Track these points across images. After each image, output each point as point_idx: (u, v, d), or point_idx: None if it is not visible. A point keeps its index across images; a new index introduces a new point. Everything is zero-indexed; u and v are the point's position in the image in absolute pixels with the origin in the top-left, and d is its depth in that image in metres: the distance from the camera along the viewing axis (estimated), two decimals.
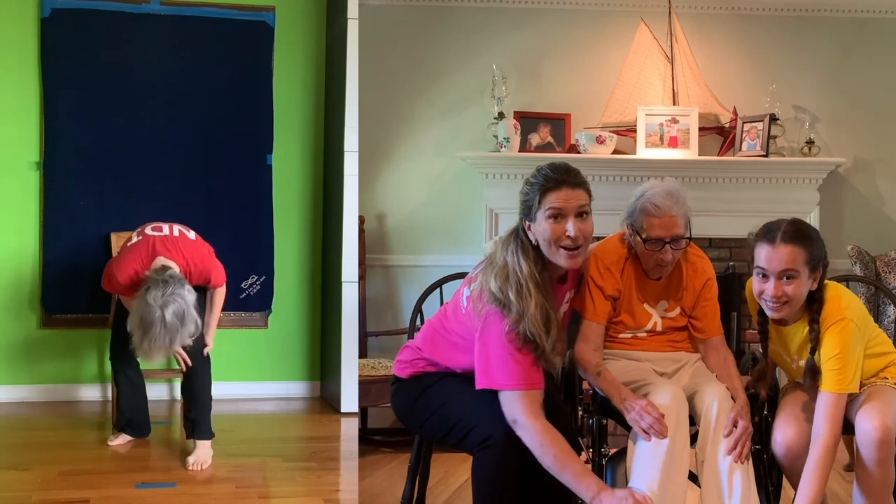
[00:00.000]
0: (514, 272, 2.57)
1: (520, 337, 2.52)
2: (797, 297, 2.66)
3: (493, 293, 2.56)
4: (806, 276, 2.66)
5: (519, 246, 2.62)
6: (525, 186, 2.65)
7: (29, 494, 3.49)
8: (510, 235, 2.67)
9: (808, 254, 2.64)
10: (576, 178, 2.61)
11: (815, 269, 2.68)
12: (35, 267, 5.15)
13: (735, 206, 5.15)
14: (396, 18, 5.35)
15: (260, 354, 5.41)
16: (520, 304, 2.53)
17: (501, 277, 2.57)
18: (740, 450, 2.70)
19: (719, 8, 5.47)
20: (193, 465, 3.84)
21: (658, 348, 2.99)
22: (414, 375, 2.82)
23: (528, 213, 2.63)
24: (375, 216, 5.30)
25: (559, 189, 2.59)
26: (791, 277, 2.64)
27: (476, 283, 2.64)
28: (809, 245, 2.66)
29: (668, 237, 2.83)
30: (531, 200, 2.61)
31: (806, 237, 2.67)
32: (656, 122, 5.21)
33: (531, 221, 2.62)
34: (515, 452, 2.53)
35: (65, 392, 5.17)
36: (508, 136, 5.11)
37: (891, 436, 2.59)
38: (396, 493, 3.37)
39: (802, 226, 2.71)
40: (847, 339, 2.66)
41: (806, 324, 2.73)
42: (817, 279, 2.69)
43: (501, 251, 2.63)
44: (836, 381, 2.64)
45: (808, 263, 2.65)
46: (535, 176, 2.64)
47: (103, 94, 5.15)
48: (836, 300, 2.72)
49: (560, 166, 2.64)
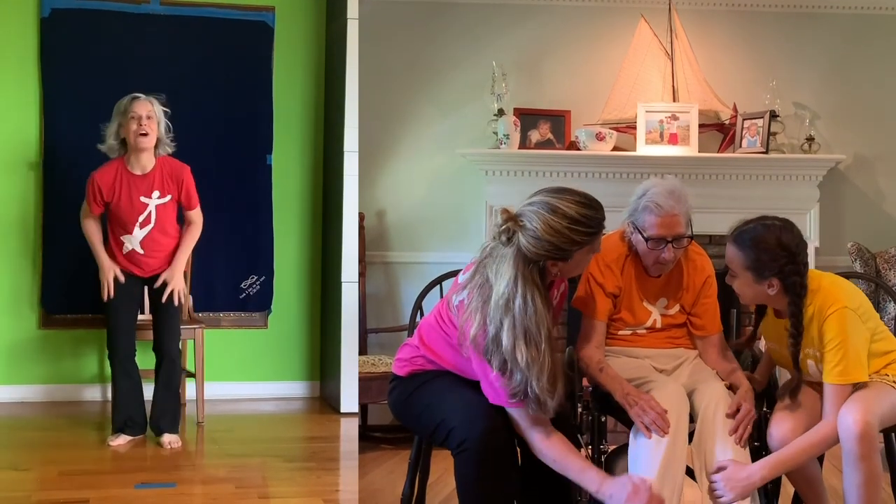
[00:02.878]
0: (522, 322, 2.41)
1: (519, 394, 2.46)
2: (742, 294, 2.76)
3: (493, 350, 2.45)
4: (750, 279, 2.70)
5: (530, 282, 2.44)
6: (573, 235, 2.42)
7: (29, 495, 3.49)
8: (517, 281, 2.44)
9: (746, 260, 2.69)
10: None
11: (761, 276, 2.68)
12: (35, 267, 5.14)
13: (735, 203, 5.14)
14: (396, 15, 5.34)
15: (260, 355, 5.41)
16: (528, 372, 2.42)
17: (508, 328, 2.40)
18: (741, 432, 2.71)
19: (719, 4, 5.46)
20: (169, 443, 4.14)
21: (657, 345, 2.99)
22: (411, 374, 2.81)
23: (566, 257, 2.47)
24: (375, 213, 5.30)
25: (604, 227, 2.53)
26: (733, 275, 2.75)
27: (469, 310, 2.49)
28: (749, 253, 2.69)
29: (670, 236, 2.84)
30: (587, 243, 2.47)
31: (750, 245, 2.68)
32: (656, 118, 5.20)
33: (565, 262, 2.49)
34: (492, 455, 2.52)
35: (64, 392, 5.16)
36: (508, 133, 5.11)
37: (871, 431, 2.57)
38: (396, 490, 3.37)
39: (758, 232, 2.70)
40: (845, 327, 2.66)
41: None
42: (774, 286, 2.69)
43: (508, 287, 2.42)
44: (838, 372, 2.65)
45: (749, 269, 2.70)
46: (584, 224, 2.44)
47: (103, 94, 5.12)
48: (835, 288, 2.72)
49: (596, 203, 2.49)
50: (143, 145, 4.12)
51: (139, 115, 4.10)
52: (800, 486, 2.88)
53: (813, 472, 2.85)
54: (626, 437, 2.80)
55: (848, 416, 2.59)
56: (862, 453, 2.57)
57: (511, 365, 2.43)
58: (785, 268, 2.67)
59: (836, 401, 2.64)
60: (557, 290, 2.78)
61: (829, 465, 3.19)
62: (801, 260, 2.69)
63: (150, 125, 4.11)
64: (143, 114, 4.10)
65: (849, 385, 2.66)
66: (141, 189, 4.17)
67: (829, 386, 2.67)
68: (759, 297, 2.76)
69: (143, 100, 4.15)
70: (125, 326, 4.26)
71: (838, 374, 2.65)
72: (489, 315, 2.44)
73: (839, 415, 2.62)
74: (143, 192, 4.17)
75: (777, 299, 2.74)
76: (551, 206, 2.43)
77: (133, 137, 4.10)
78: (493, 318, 2.43)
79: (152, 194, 4.18)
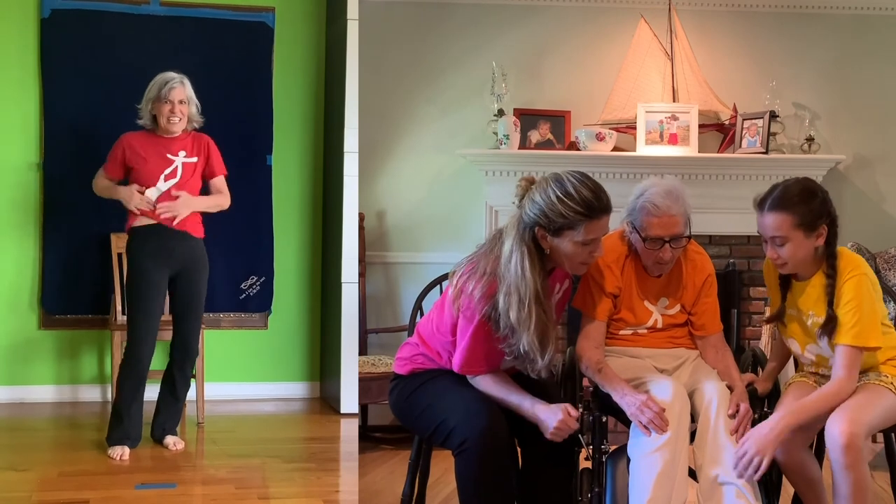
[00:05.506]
0: (516, 288, 2.55)
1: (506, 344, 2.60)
2: (792, 257, 2.74)
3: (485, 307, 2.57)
4: (801, 237, 2.71)
5: (525, 255, 2.57)
6: (559, 205, 2.55)
7: (29, 495, 3.49)
8: (514, 242, 2.60)
9: (797, 218, 2.69)
10: (609, 201, 2.61)
11: (812, 228, 2.71)
12: (35, 267, 5.14)
13: (735, 203, 5.14)
14: (396, 15, 5.34)
15: (260, 355, 5.41)
16: (518, 327, 2.55)
17: (504, 293, 2.56)
18: (742, 431, 2.71)
19: (719, 5, 5.46)
20: (174, 444, 4.16)
21: (658, 345, 2.99)
22: (412, 372, 2.82)
23: (554, 230, 2.58)
24: (375, 213, 5.30)
25: (600, 219, 2.58)
26: (782, 243, 2.72)
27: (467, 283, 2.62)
28: (798, 209, 2.70)
29: (668, 236, 2.84)
30: (569, 224, 2.55)
31: (796, 202, 2.70)
32: (656, 118, 5.20)
33: (554, 237, 2.58)
34: (492, 455, 2.54)
35: (64, 393, 5.17)
36: (508, 134, 5.11)
37: (857, 441, 2.58)
38: (396, 490, 3.37)
39: (795, 189, 2.74)
40: (862, 291, 2.69)
41: (821, 278, 2.76)
42: (822, 235, 2.73)
43: (505, 261, 2.58)
44: (854, 333, 2.66)
45: (799, 227, 2.70)
46: (574, 200, 2.55)
47: (103, 95, 5.15)
48: (855, 256, 2.77)
49: (599, 190, 2.59)
50: (174, 129, 4.18)
51: (173, 101, 4.14)
52: (799, 486, 2.89)
53: (813, 473, 2.85)
54: (627, 437, 2.80)
55: (835, 426, 2.60)
56: (847, 462, 2.58)
57: (503, 320, 2.55)
58: (830, 209, 2.74)
59: (848, 362, 2.67)
60: (561, 284, 2.79)
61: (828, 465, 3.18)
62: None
63: (182, 109, 4.17)
64: (176, 100, 4.15)
65: (861, 350, 2.68)
66: (169, 148, 4.19)
67: (842, 347, 2.68)
68: (807, 255, 2.74)
69: (178, 86, 4.17)
70: (152, 323, 4.08)
71: (854, 336, 2.67)
72: (498, 272, 2.58)
73: (826, 424, 2.63)
74: (170, 151, 4.19)
75: (816, 254, 2.75)
76: (558, 177, 2.61)
77: (165, 121, 4.16)
78: (498, 275, 2.58)
79: (179, 153, 4.20)
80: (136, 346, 4.07)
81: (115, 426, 4.08)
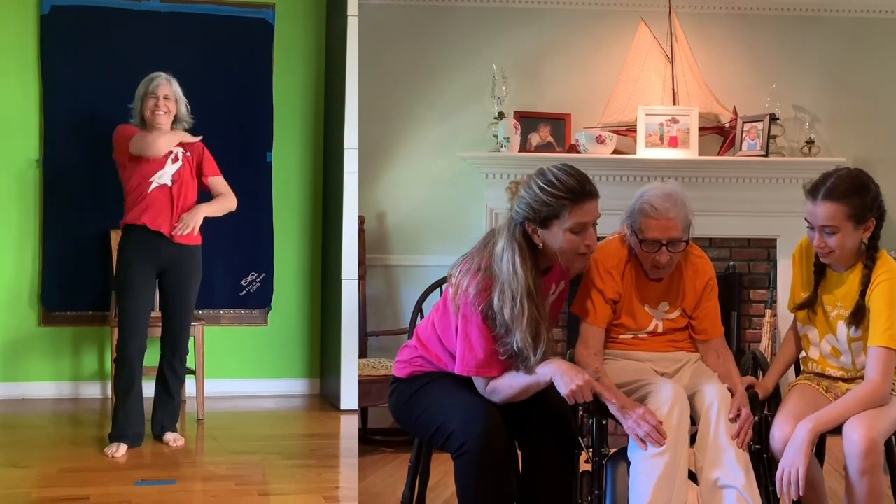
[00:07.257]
0: (508, 285, 2.57)
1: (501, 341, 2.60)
2: (840, 247, 2.76)
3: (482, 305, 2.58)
4: (850, 229, 2.73)
5: (516, 252, 2.59)
6: (542, 195, 2.58)
7: (29, 492, 3.50)
8: (506, 240, 2.62)
9: (850, 209, 2.71)
10: (594, 187, 2.62)
11: (862, 221, 2.74)
12: (35, 264, 5.15)
13: (735, 206, 5.15)
14: (396, 18, 5.34)
15: (260, 352, 5.42)
16: (512, 324, 2.56)
17: (498, 291, 2.57)
18: (743, 436, 2.72)
19: (719, 8, 5.47)
20: (174, 440, 4.18)
21: (658, 348, 2.99)
22: (412, 375, 2.82)
23: (541, 221, 2.60)
24: (375, 216, 5.30)
25: (585, 203, 2.59)
26: (832, 232, 2.74)
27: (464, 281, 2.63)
28: (852, 201, 2.72)
29: (665, 239, 2.83)
30: (554, 212, 2.57)
31: (850, 194, 2.72)
32: (656, 121, 5.21)
33: (543, 229, 2.60)
34: (491, 458, 2.55)
35: (64, 389, 5.17)
36: (508, 136, 5.11)
37: (876, 447, 2.59)
38: (396, 493, 3.38)
39: (849, 181, 2.75)
40: (895, 295, 2.71)
41: (857, 272, 2.79)
42: (870, 228, 2.76)
43: (497, 260, 2.60)
44: (889, 336, 2.67)
45: (851, 218, 2.72)
46: (556, 187, 2.57)
47: (103, 92, 5.14)
48: (890, 261, 2.79)
49: (581, 177, 2.61)
50: (159, 123, 4.21)
51: (158, 96, 4.19)
52: None
53: (814, 474, 2.86)
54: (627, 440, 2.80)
55: (854, 431, 2.61)
56: (865, 468, 2.59)
57: (499, 319, 2.57)
58: (881, 203, 2.77)
59: (882, 364, 2.67)
60: (557, 285, 2.79)
61: (828, 467, 3.21)
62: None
63: (167, 105, 4.21)
64: (161, 95, 4.20)
65: (894, 353, 2.68)
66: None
67: (875, 349, 2.69)
68: (854, 246, 2.77)
69: (163, 81, 4.23)
70: (140, 321, 4.09)
71: (890, 338, 2.68)
72: (492, 270, 2.60)
73: (844, 429, 2.63)
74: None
75: (858, 248, 2.77)
76: (541, 170, 2.64)
77: (150, 115, 4.20)
78: (492, 273, 2.60)
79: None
80: (124, 343, 4.10)
81: (113, 424, 4.13)
